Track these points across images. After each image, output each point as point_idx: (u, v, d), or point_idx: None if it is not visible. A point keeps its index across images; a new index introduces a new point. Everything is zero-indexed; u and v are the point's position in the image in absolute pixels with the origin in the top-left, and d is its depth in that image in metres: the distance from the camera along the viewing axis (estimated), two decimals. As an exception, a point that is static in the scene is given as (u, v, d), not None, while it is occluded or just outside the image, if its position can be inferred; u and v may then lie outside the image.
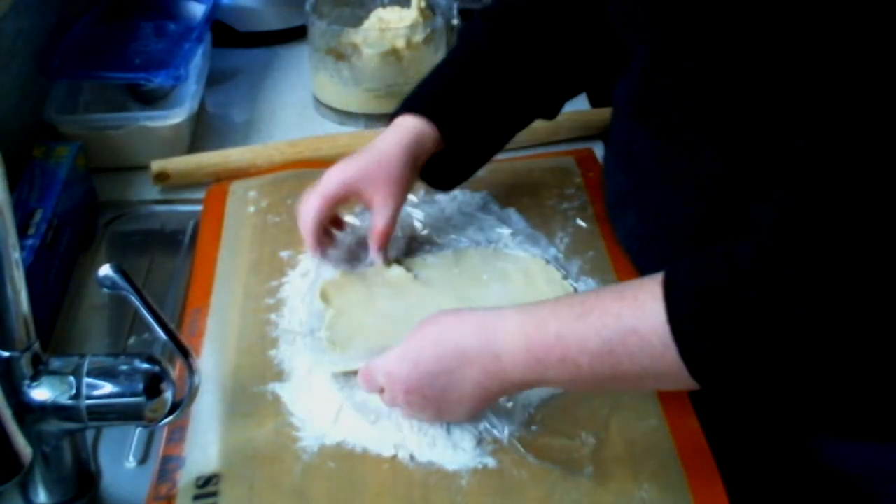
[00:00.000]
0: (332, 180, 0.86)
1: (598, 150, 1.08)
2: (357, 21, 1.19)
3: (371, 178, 0.85)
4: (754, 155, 0.69)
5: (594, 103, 1.20)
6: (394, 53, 1.14)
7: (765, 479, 0.81)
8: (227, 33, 1.32)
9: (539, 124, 1.12)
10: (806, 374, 0.61)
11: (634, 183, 0.83)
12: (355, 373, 0.76)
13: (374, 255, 0.88)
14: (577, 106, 1.08)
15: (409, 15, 1.15)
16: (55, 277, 0.88)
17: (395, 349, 0.72)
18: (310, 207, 0.86)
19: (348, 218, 0.95)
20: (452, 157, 0.90)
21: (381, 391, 0.73)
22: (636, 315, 0.63)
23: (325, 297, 0.85)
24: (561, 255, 0.91)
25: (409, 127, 0.86)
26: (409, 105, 0.88)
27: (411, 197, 0.98)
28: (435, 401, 0.70)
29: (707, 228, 0.75)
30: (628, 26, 0.80)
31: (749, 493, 0.75)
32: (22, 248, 0.79)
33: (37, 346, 0.63)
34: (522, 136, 1.11)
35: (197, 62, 1.13)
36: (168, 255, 0.97)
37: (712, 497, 0.69)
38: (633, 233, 0.86)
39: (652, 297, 0.62)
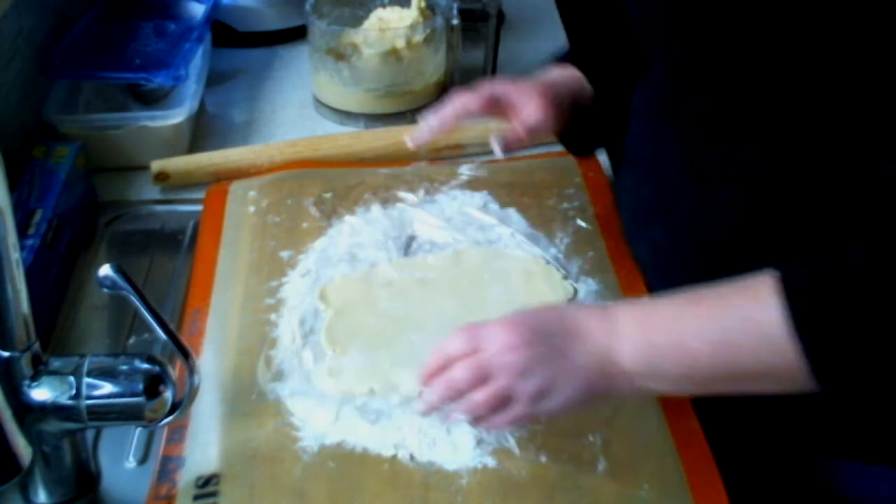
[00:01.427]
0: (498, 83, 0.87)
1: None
2: (357, 21, 1.19)
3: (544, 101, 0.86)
4: (799, 160, 0.67)
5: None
6: (394, 53, 1.14)
7: (764, 480, 0.81)
8: (227, 33, 1.32)
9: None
10: None
11: (661, 194, 0.80)
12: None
13: (519, 129, 0.87)
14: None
15: (409, 15, 1.15)
16: (55, 277, 0.88)
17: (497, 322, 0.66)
18: (465, 98, 0.86)
19: (348, 218, 0.95)
20: (591, 119, 0.91)
21: (473, 351, 0.66)
22: (753, 306, 0.60)
23: (324, 298, 0.85)
24: (561, 255, 0.91)
25: (572, 72, 0.90)
26: (570, 59, 0.92)
27: (411, 197, 0.98)
28: (545, 363, 0.64)
29: (744, 239, 0.73)
30: (652, 30, 0.77)
31: (749, 494, 0.75)
32: (22, 248, 0.79)
33: (37, 346, 0.63)
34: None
35: (197, 62, 1.13)
36: (168, 255, 0.97)
37: (712, 497, 0.69)
38: (658, 248, 0.82)
39: (770, 292, 0.60)
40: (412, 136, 0.90)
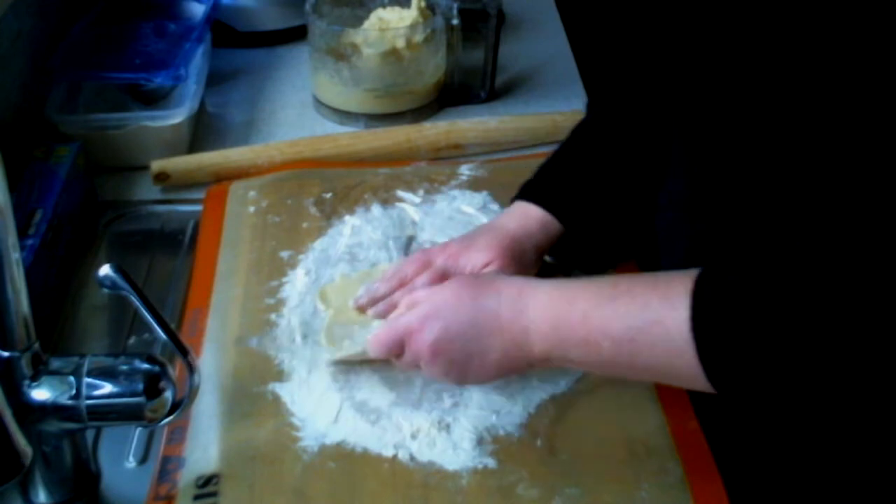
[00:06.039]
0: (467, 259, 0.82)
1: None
2: (357, 21, 1.19)
3: (501, 263, 0.82)
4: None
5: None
6: (394, 53, 1.14)
7: (764, 479, 0.81)
8: (227, 33, 1.32)
9: (539, 124, 1.12)
10: (830, 389, 0.58)
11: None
12: (357, 363, 0.76)
13: None
14: (577, 105, 1.07)
15: (409, 15, 1.15)
16: (55, 277, 0.88)
17: (417, 308, 0.70)
18: (420, 278, 0.82)
19: (348, 218, 0.95)
20: (575, 240, 0.88)
21: (398, 355, 0.71)
22: (663, 306, 0.60)
23: (324, 298, 0.85)
24: (561, 255, 0.91)
25: (534, 216, 0.85)
26: (531, 194, 0.87)
27: (411, 197, 0.98)
28: (461, 365, 0.69)
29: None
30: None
31: (749, 493, 0.75)
32: (22, 248, 0.79)
33: (37, 346, 0.63)
34: (523, 135, 1.12)
35: (197, 62, 1.13)
36: (168, 255, 0.97)
37: (712, 497, 0.70)
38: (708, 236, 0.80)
39: (682, 292, 0.60)
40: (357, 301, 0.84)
